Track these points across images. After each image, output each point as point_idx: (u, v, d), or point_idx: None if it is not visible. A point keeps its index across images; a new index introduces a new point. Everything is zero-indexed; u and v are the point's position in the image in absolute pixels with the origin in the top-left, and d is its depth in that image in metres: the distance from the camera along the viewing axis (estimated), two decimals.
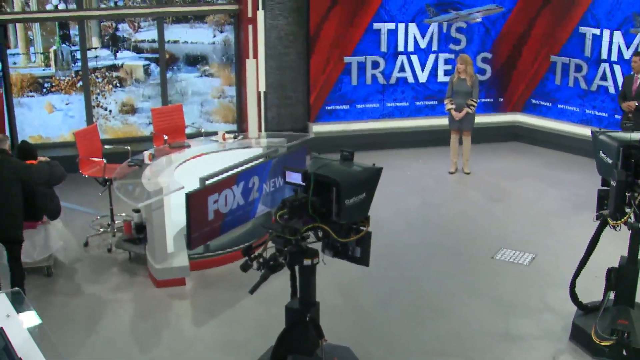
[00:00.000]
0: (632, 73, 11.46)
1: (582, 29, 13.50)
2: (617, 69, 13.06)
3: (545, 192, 11.87)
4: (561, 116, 14.15)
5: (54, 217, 8.88)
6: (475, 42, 14.29)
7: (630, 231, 6.78)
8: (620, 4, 12.88)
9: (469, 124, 12.40)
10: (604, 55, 13.27)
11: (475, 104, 12.27)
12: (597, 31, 13.28)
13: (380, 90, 14.12)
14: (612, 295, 7.18)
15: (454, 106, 12.42)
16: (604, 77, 13.35)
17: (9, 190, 7.80)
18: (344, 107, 14.03)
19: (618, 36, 12.98)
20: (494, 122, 14.65)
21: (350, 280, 8.57)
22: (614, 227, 6.71)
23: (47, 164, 8.24)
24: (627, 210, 6.57)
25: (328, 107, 13.96)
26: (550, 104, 14.31)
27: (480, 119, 12.68)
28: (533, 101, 14.58)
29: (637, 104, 11.13)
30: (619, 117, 11.99)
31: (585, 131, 12.61)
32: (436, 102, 14.35)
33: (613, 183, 6.58)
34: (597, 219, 7.00)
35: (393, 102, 14.26)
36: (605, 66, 13.29)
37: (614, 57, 13.12)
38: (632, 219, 6.54)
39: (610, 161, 6.77)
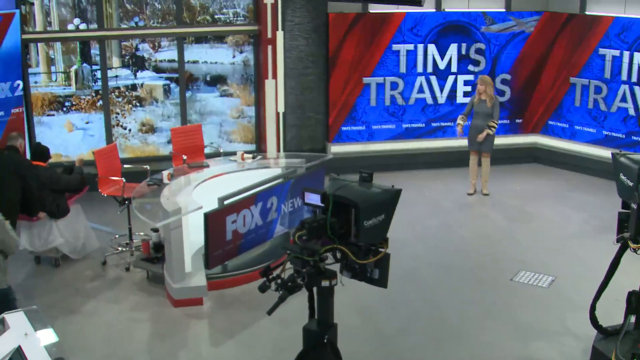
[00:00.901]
0: None
1: (601, 51, 13.46)
2: (637, 90, 12.99)
3: (565, 214, 11.80)
4: (581, 138, 14.09)
5: (54, 216, 9.52)
6: (494, 64, 14.26)
7: None
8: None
9: (489, 146, 12.36)
10: (624, 77, 13.21)
11: (496, 126, 12.24)
12: (616, 52, 13.24)
13: (399, 111, 14.10)
14: (632, 318, 7.10)
15: (462, 123, 12.47)
16: (624, 99, 13.28)
17: (7, 183, 8.83)
18: (363, 127, 14.02)
19: (638, 57, 12.92)
20: (513, 143, 14.59)
21: (368, 302, 8.54)
22: (635, 250, 6.65)
23: (53, 171, 9.41)
24: None
25: (347, 128, 13.95)
26: (570, 126, 14.25)
27: (499, 140, 12.63)
28: (552, 123, 14.53)
29: None
30: (638, 138, 11.92)
31: (605, 153, 12.55)
32: (455, 124, 14.30)
33: (634, 206, 6.52)
34: (617, 241, 6.93)
35: (411, 123, 14.24)
36: (625, 88, 13.23)
37: (634, 79, 13.06)
38: None
39: (631, 184, 6.71)
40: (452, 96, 14.24)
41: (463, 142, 12.92)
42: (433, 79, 14.09)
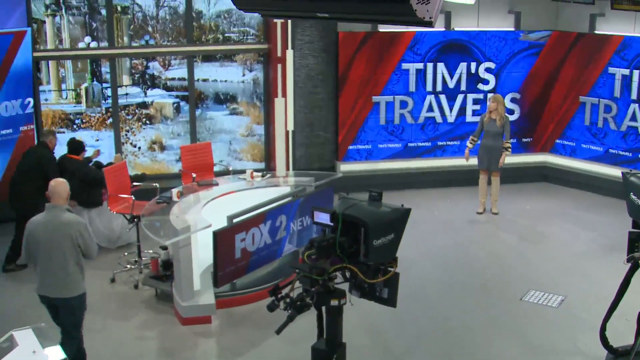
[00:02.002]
0: None
1: (611, 70, 13.46)
2: None
3: (575, 234, 11.77)
4: (590, 157, 14.06)
5: (85, 205, 10.63)
6: (504, 83, 14.27)
7: None
8: None
9: (498, 165, 12.36)
10: (634, 96, 13.19)
11: (509, 145, 12.29)
12: (626, 72, 13.24)
13: (408, 130, 14.10)
14: None
15: (471, 146, 12.56)
16: (634, 118, 13.26)
17: (29, 176, 10.17)
18: (372, 146, 14.03)
19: None
20: (522, 162, 14.58)
21: (377, 321, 8.52)
22: None
23: (81, 163, 10.68)
24: None
25: (356, 147, 13.96)
26: (580, 145, 14.22)
27: (509, 159, 12.62)
28: (562, 142, 14.51)
29: None
30: None
31: (615, 172, 12.52)
32: (463, 142, 14.31)
33: None
34: (628, 261, 6.92)
35: (421, 142, 14.24)
36: (635, 107, 13.21)
37: None
38: None
39: None
40: (461, 114, 14.24)
41: (472, 161, 12.91)
42: (443, 97, 14.10)
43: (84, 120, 13.24)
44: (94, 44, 13.04)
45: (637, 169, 12.38)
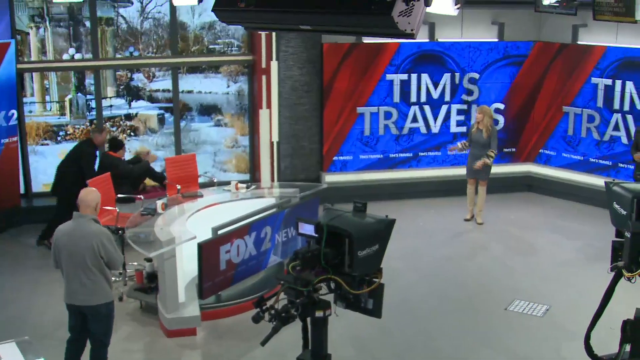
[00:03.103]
0: None
1: (594, 80, 13.55)
2: (630, 119, 13.07)
3: (559, 243, 11.82)
4: (574, 167, 14.13)
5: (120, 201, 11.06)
6: (488, 93, 14.34)
7: None
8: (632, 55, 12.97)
9: (486, 174, 12.45)
10: (617, 106, 13.28)
11: (494, 155, 12.34)
12: (609, 82, 13.32)
13: (393, 141, 14.13)
14: (628, 347, 7.08)
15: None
16: (616, 128, 13.35)
17: (70, 166, 11.29)
18: (357, 157, 14.04)
19: (630, 86, 13.00)
20: (507, 172, 14.64)
21: (363, 332, 8.51)
22: (629, 279, 6.64)
23: (115, 159, 11.34)
24: None
25: (341, 157, 13.97)
26: (563, 155, 14.30)
27: (493, 170, 12.68)
28: (546, 152, 14.58)
29: None
30: (632, 167, 11.99)
31: (598, 182, 12.58)
32: (448, 153, 14.36)
33: (627, 234, 6.53)
34: (611, 270, 6.93)
35: (406, 152, 14.27)
36: (617, 117, 13.30)
37: (627, 108, 13.13)
38: None
39: (624, 212, 6.72)
40: (446, 125, 14.30)
41: (457, 171, 13.00)
42: (427, 108, 14.14)
43: (68, 132, 13.21)
44: (78, 56, 13.02)
45: (617, 178, 12.65)
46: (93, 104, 13.20)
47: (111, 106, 13.48)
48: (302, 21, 4.87)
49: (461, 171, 12.92)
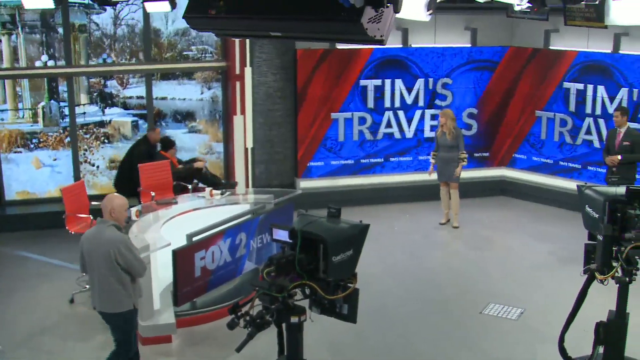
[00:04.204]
0: (615, 127, 11.57)
1: (566, 84, 13.67)
2: (602, 123, 13.19)
3: (533, 246, 11.89)
4: (547, 170, 14.25)
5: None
6: (461, 98, 14.42)
7: (617, 285, 6.78)
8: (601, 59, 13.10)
9: (455, 177, 12.53)
10: (589, 110, 13.41)
11: (465, 156, 12.48)
12: (580, 86, 13.45)
13: (367, 146, 14.18)
14: (601, 349, 7.14)
15: (433, 161, 12.75)
16: (588, 131, 13.47)
17: (127, 160, 12.09)
18: (332, 163, 14.06)
19: (602, 90, 13.13)
20: (481, 176, 14.73)
21: (338, 337, 8.51)
22: (602, 282, 6.71)
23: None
24: (614, 264, 6.57)
25: (316, 163, 13.99)
26: (536, 159, 14.40)
27: (467, 174, 12.77)
28: (519, 156, 14.68)
29: (620, 158, 11.22)
30: (604, 170, 12.11)
31: (571, 185, 12.70)
32: (422, 157, 14.42)
33: (600, 237, 6.60)
34: (584, 273, 6.99)
35: (379, 158, 14.32)
36: (589, 120, 13.42)
37: (598, 112, 13.26)
38: (620, 274, 6.54)
39: (596, 215, 6.79)
40: (420, 130, 14.35)
41: (426, 176, 13.14)
42: (401, 113, 14.19)
43: (41, 140, 13.13)
44: (51, 63, 12.95)
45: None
46: (66, 111, 13.12)
47: (84, 113, 13.40)
48: (272, 28, 4.88)
49: (433, 176, 13.00)
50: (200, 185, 11.68)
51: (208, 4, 4.97)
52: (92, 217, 10.01)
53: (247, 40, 13.05)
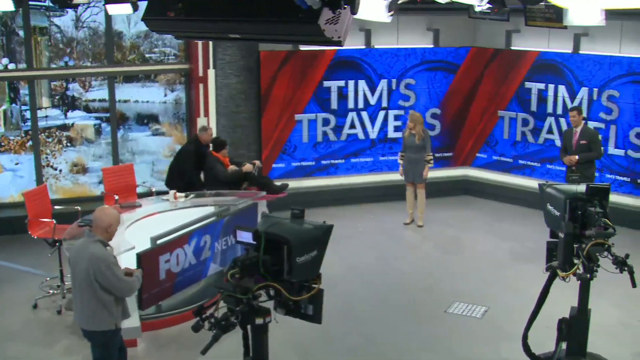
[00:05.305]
0: (571, 127, 11.71)
1: (527, 84, 13.80)
2: (563, 122, 13.35)
3: (496, 245, 12.00)
4: (510, 170, 14.39)
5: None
6: (424, 99, 14.50)
7: (579, 282, 6.87)
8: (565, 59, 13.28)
9: (423, 178, 12.61)
10: (550, 109, 13.56)
11: (432, 157, 12.66)
12: (542, 86, 13.59)
13: (331, 147, 14.20)
14: (564, 345, 7.23)
15: (401, 162, 12.82)
16: (550, 131, 13.62)
17: (176, 160, 11.98)
18: (296, 164, 14.07)
19: (563, 90, 13.28)
20: (444, 176, 14.82)
21: (304, 338, 8.52)
22: (564, 279, 6.80)
23: (212, 161, 11.50)
24: (576, 261, 6.67)
25: (280, 165, 13.98)
26: (499, 158, 14.54)
27: (431, 174, 12.84)
28: (482, 155, 14.81)
29: (577, 158, 11.35)
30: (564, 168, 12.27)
31: (533, 184, 12.83)
32: (386, 158, 14.48)
33: (561, 235, 6.69)
34: (547, 270, 7.09)
35: (343, 158, 14.35)
36: (551, 120, 13.57)
37: (559, 111, 13.41)
38: (581, 270, 6.63)
39: (557, 214, 6.88)
40: (339, 133, 14.34)
41: (394, 177, 13.20)
42: (364, 114, 14.24)
43: (2, 144, 12.98)
44: (11, 66, 12.81)
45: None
46: (28, 114, 12.99)
47: (47, 117, 13.28)
48: (231, 30, 4.88)
49: (397, 176, 13.09)
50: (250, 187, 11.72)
51: (167, 6, 4.95)
52: (54, 222, 9.92)
53: (210, 43, 13.02)
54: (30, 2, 12.61)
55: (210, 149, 11.78)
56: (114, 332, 6.68)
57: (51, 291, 10.05)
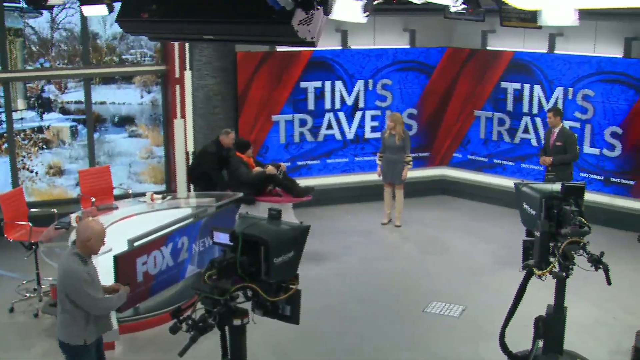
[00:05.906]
0: (550, 128, 11.79)
1: (503, 84, 13.88)
2: (539, 121, 13.43)
3: (473, 244, 12.06)
4: (486, 169, 14.46)
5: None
6: (401, 99, 14.54)
7: (555, 280, 6.92)
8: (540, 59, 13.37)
9: (402, 179, 12.65)
10: (526, 109, 13.64)
11: (410, 159, 12.71)
12: (517, 86, 13.68)
13: (308, 148, 14.20)
14: (540, 343, 7.28)
15: (380, 162, 12.88)
16: (526, 130, 13.71)
17: (197, 162, 12.08)
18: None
19: (538, 90, 13.37)
20: (421, 176, 14.85)
21: (282, 339, 8.52)
22: (540, 277, 6.84)
23: (236, 163, 11.41)
24: (552, 259, 6.72)
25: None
26: (476, 158, 14.60)
27: (409, 174, 12.87)
28: (459, 155, 14.87)
29: (551, 159, 11.42)
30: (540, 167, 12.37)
31: (509, 183, 12.89)
32: (364, 158, 14.51)
33: (537, 234, 6.74)
34: (523, 269, 7.13)
35: (321, 159, 14.36)
36: (527, 120, 13.65)
37: (535, 111, 13.50)
38: (557, 269, 6.68)
39: (533, 212, 6.93)
40: (316, 133, 14.36)
41: (372, 177, 13.23)
42: (341, 115, 14.26)
43: None
44: None
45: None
46: (3, 116, 12.89)
47: (22, 119, 13.19)
48: (205, 31, 4.89)
49: (373, 177, 13.13)
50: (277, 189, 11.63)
51: (141, 7, 4.95)
52: (31, 224, 9.86)
53: (187, 44, 12.99)
54: (5, 4, 12.52)
55: (235, 150, 11.77)
56: (82, 347, 6.42)
57: (28, 294, 9.98)
